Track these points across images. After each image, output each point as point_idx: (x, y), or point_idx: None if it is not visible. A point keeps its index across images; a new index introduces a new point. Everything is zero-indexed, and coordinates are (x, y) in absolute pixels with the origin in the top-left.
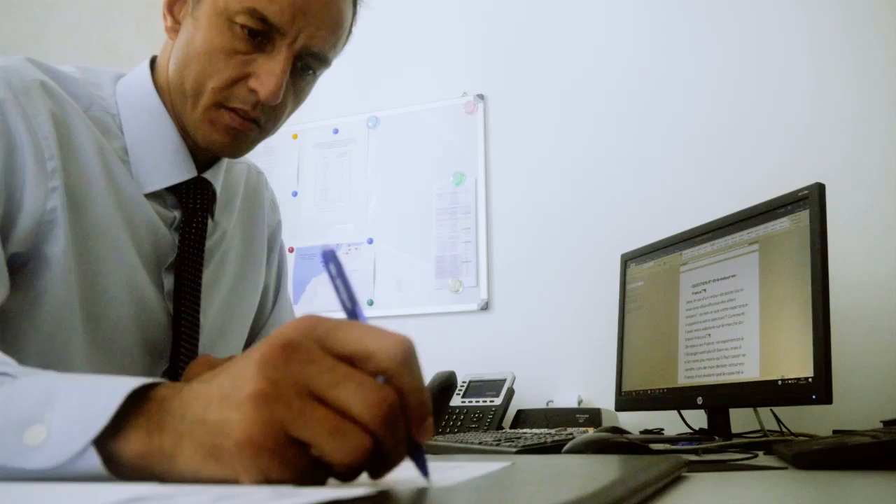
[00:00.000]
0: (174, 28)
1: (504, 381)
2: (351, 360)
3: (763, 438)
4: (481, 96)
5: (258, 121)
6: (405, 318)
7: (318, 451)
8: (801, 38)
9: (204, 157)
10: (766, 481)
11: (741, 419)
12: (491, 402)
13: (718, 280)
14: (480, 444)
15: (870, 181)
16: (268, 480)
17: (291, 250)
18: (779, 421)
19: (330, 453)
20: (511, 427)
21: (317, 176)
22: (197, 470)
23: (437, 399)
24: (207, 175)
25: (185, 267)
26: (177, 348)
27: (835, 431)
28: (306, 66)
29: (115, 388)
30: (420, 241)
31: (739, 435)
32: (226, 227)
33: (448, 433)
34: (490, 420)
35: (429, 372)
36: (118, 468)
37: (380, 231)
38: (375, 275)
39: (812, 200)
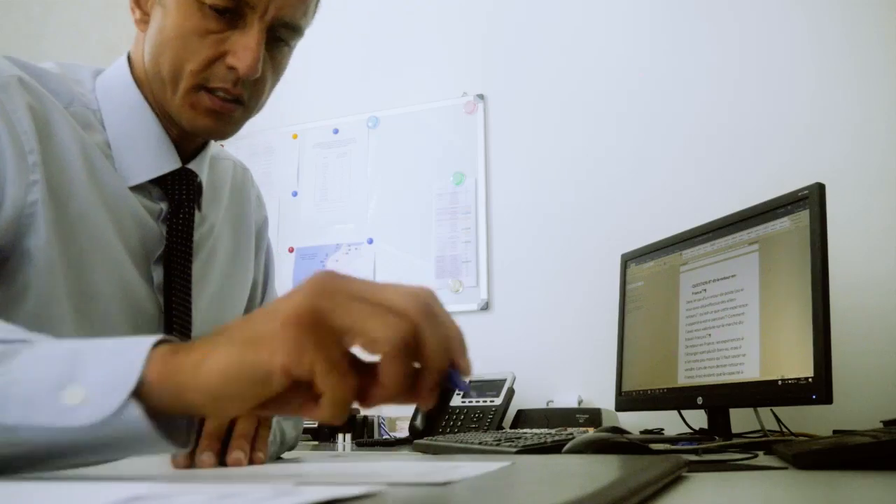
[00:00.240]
0: (143, 20)
1: (504, 381)
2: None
3: (763, 438)
4: (481, 96)
5: (241, 98)
6: None
7: (360, 334)
8: (801, 38)
9: (188, 148)
10: (766, 481)
11: (741, 419)
12: (491, 402)
13: (718, 280)
14: (480, 444)
15: (870, 181)
16: (301, 365)
17: (291, 250)
18: (779, 421)
19: (372, 331)
20: (511, 427)
21: (317, 176)
22: (227, 365)
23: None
24: (192, 165)
25: (174, 258)
26: None
27: (835, 431)
28: (279, 37)
29: (140, 341)
30: (420, 241)
31: (739, 435)
32: (214, 221)
33: (448, 433)
34: (490, 420)
35: None
36: (146, 398)
37: (380, 231)
38: (375, 275)
39: (812, 200)
